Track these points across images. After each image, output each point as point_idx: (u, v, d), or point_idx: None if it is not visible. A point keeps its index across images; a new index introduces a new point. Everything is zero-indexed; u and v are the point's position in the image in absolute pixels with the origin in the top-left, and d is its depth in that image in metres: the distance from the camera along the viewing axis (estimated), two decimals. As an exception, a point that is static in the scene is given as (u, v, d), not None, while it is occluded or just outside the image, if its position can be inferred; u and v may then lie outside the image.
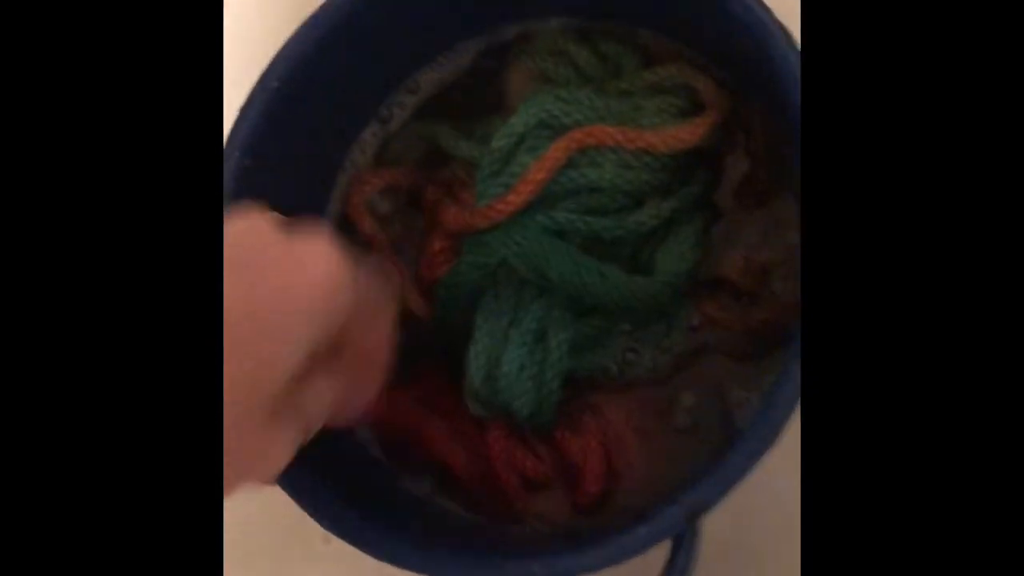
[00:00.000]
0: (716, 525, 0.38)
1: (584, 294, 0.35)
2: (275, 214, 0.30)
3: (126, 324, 0.25)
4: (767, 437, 0.30)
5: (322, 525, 0.35)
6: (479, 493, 0.36)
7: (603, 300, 0.36)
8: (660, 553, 0.33)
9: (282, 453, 0.29)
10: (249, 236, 0.29)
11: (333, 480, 0.36)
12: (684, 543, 0.32)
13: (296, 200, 0.40)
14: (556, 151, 0.35)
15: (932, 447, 0.24)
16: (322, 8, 0.37)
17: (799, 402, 0.30)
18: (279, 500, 0.48)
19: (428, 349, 0.38)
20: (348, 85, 0.40)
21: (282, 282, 0.28)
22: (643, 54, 0.38)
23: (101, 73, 0.26)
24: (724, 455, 0.31)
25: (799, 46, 0.32)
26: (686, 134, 0.35)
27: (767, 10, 0.33)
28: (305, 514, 0.48)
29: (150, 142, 0.26)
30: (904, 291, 0.24)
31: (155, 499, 0.24)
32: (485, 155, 0.36)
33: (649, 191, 0.36)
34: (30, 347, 0.24)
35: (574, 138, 0.35)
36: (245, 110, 0.37)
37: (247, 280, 0.27)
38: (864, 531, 0.24)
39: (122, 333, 0.25)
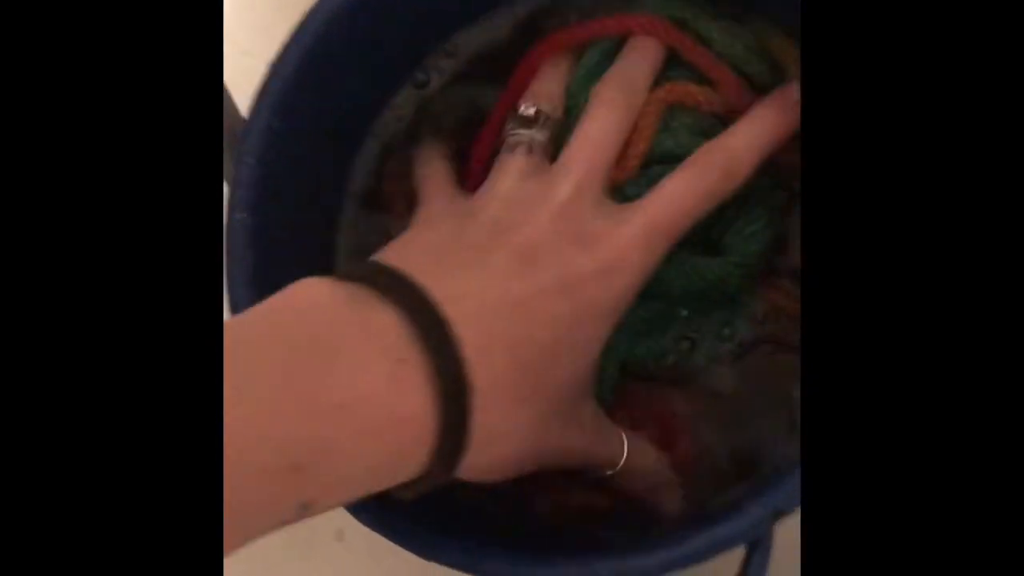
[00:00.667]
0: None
1: None
2: None
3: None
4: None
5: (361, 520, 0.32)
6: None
7: (666, 282, 0.33)
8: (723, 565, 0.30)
9: (584, 439, 0.32)
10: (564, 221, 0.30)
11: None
12: (760, 548, 0.29)
13: (323, 164, 0.37)
14: (649, 116, 0.32)
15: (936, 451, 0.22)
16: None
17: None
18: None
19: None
20: (382, 46, 0.37)
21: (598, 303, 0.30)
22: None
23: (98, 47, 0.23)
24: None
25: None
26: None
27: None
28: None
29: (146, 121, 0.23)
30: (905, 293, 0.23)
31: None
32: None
33: None
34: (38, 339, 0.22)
35: (659, 99, 0.32)
36: (276, 67, 0.34)
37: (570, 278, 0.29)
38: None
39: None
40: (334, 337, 0.26)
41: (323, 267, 0.37)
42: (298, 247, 0.35)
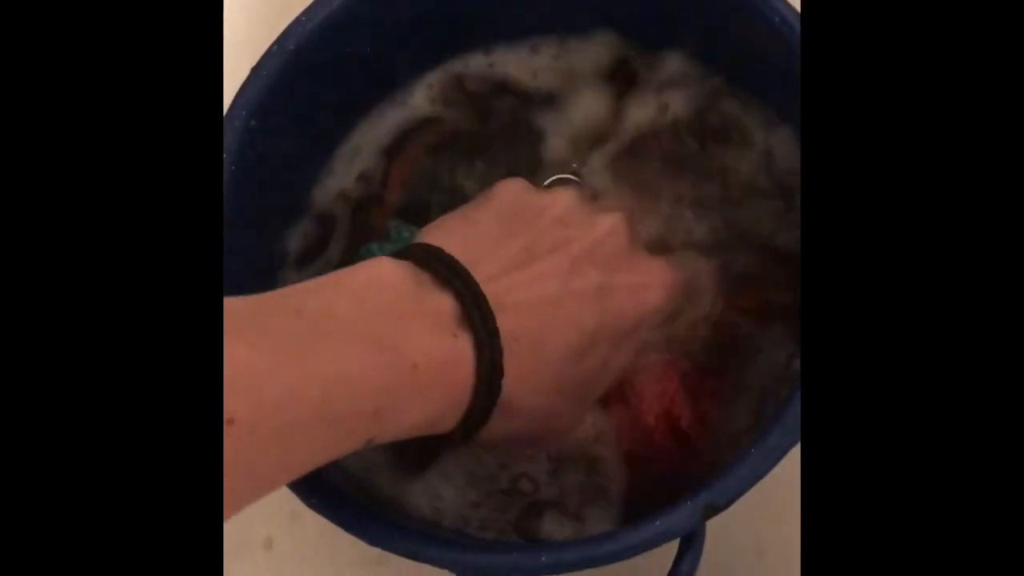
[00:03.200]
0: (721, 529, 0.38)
1: None
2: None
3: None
4: (790, 434, 0.30)
5: (308, 504, 0.33)
6: None
7: None
8: (662, 560, 0.32)
9: (585, 431, 0.36)
10: (613, 241, 0.34)
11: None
12: (693, 544, 0.31)
13: (294, 166, 0.39)
14: None
15: (934, 451, 0.24)
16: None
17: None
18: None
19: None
20: (367, 59, 0.39)
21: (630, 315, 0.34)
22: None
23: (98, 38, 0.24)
24: (744, 452, 0.30)
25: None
26: None
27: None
28: (248, 519, 0.45)
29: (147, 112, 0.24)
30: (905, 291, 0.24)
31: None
32: None
33: None
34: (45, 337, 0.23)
35: None
36: (258, 70, 0.36)
37: (606, 292, 0.33)
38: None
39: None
40: (403, 311, 0.30)
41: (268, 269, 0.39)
42: (247, 248, 0.37)
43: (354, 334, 0.28)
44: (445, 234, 0.33)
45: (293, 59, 0.36)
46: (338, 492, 0.33)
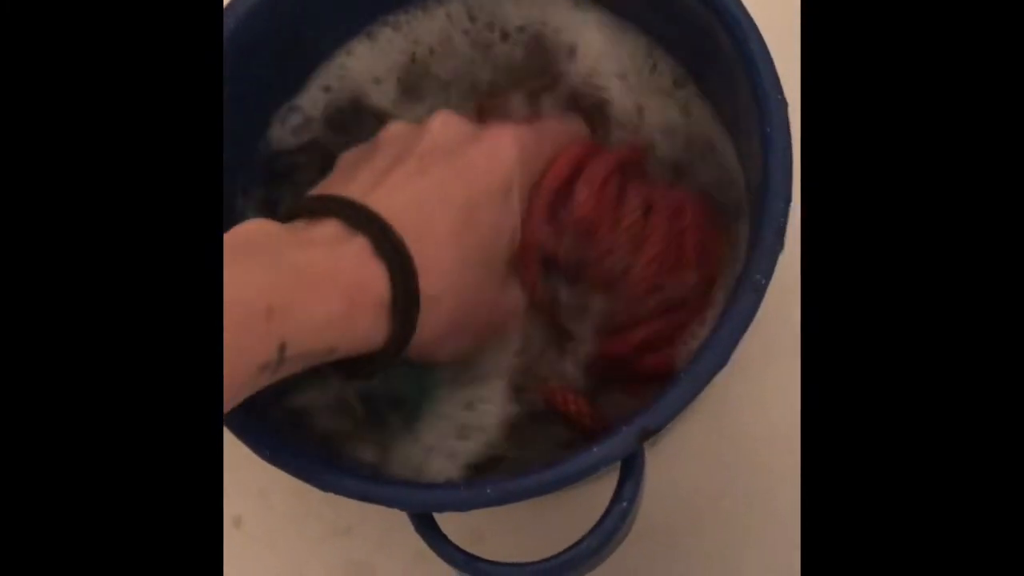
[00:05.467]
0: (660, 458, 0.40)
1: None
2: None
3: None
4: (720, 358, 0.31)
5: (261, 456, 0.34)
6: None
7: None
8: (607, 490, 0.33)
9: (515, 304, 0.37)
10: (446, 132, 0.36)
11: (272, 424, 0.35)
12: (634, 469, 0.32)
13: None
14: None
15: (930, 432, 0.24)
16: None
17: (750, 326, 0.32)
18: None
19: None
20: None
21: (492, 175, 0.36)
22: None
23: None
24: (675, 378, 0.32)
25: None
26: None
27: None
28: (216, 498, 0.47)
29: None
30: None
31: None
32: None
33: None
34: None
35: None
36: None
37: (461, 168, 0.35)
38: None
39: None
40: (283, 240, 0.32)
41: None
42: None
43: (239, 260, 0.30)
44: (316, 189, 0.36)
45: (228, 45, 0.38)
46: (291, 445, 0.34)
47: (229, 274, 0.29)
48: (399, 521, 0.44)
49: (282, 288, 0.30)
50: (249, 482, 0.47)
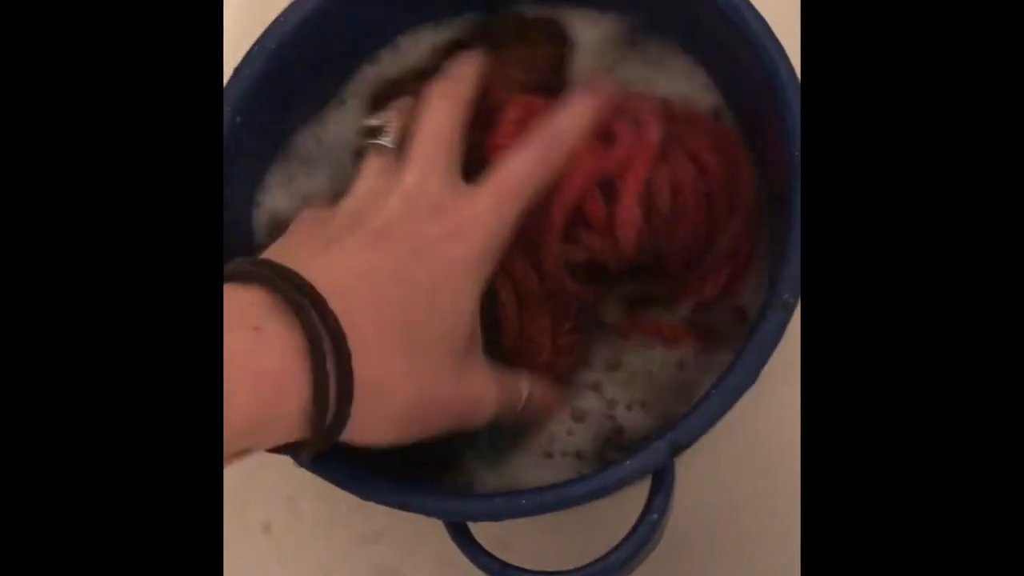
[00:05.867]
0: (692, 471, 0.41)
1: None
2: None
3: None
4: (749, 377, 0.32)
5: (299, 463, 0.35)
6: None
7: None
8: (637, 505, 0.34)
9: (482, 392, 0.34)
10: (417, 197, 0.34)
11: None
12: (664, 482, 0.33)
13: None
14: None
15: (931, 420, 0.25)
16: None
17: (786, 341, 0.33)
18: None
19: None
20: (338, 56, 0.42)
21: (456, 261, 0.33)
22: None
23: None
24: (708, 393, 0.33)
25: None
26: None
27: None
28: (245, 504, 0.48)
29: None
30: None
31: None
32: None
33: None
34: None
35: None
36: (241, 68, 0.39)
37: (422, 245, 0.33)
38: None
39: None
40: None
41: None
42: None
43: None
44: (259, 256, 0.33)
45: (274, 57, 0.39)
46: (328, 453, 0.35)
47: None
48: (427, 528, 0.45)
49: None
50: (278, 488, 0.48)
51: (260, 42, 0.39)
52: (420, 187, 0.34)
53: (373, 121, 0.37)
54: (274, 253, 0.33)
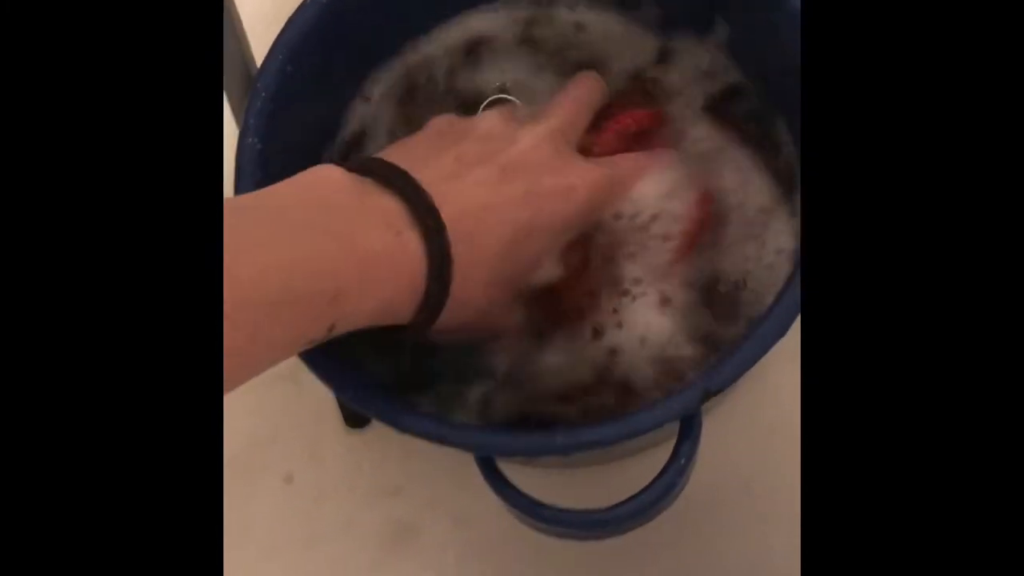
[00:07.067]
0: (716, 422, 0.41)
1: None
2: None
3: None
4: (780, 327, 0.33)
5: (342, 396, 0.36)
6: None
7: None
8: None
9: (512, 325, 0.39)
10: (538, 152, 0.38)
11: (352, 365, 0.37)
12: (692, 428, 0.34)
13: (321, 106, 0.43)
14: None
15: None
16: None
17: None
18: (242, 442, 0.48)
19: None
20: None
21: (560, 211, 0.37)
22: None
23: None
24: (737, 341, 0.34)
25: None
26: None
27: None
28: (268, 455, 0.48)
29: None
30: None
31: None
32: None
33: None
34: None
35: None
36: (293, 19, 0.40)
37: (535, 194, 0.37)
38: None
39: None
40: (350, 208, 0.33)
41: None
42: (295, 169, 0.40)
43: (307, 224, 0.32)
44: (383, 154, 0.37)
45: (325, 10, 0.40)
46: (368, 388, 0.36)
47: (311, 237, 0.31)
48: (445, 483, 0.47)
49: (351, 274, 0.32)
50: (301, 440, 0.49)
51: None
52: (550, 139, 0.38)
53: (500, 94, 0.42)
54: (406, 158, 0.36)
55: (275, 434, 0.49)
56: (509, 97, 0.42)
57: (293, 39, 0.40)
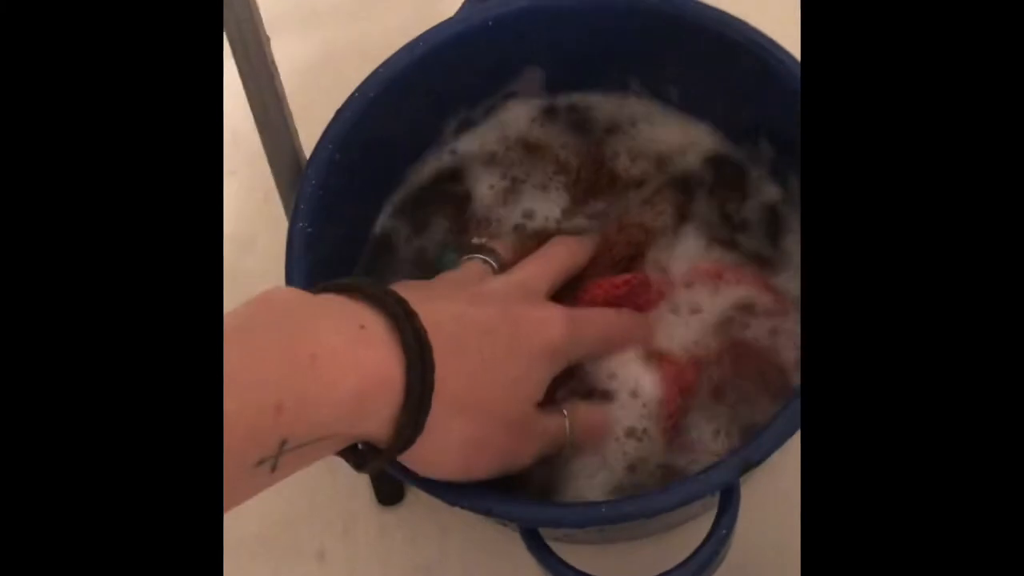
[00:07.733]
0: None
1: None
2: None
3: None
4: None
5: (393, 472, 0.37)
6: None
7: None
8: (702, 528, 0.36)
9: (529, 454, 0.37)
10: (510, 289, 0.39)
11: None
12: (732, 500, 0.35)
13: (366, 194, 0.45)
14: None
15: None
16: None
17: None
18: (275, 519, 0.49)
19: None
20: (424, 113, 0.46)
21: (536, 338, 0.37)
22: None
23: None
24: (778, 414, 0.35)
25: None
26: None
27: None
28: (300, 530, 0.49)
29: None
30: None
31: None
32: None
33: None
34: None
35: None
36: (341, 112, 0.42)
37: (514, 317, 0.37)
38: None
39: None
40: (308, 313, 0.32)
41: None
42: (341, 254, 0.42)
43: (258, 337, 0.30)
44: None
45: (371, 104, 0.42)
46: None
47: (244, 354, 0.28)
48: (480, 561, 0.47)
49: (295, 381, 0.29)
50: (334, 518, 0.50)
51: (360, 89, 0.42)
52: (520, 284, 0.39)
53: (481, 240, 0.44)
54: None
55: (308, 509, 0.50)
56: (486, 257, 0.43)
57: (342, 131, 0.42)
